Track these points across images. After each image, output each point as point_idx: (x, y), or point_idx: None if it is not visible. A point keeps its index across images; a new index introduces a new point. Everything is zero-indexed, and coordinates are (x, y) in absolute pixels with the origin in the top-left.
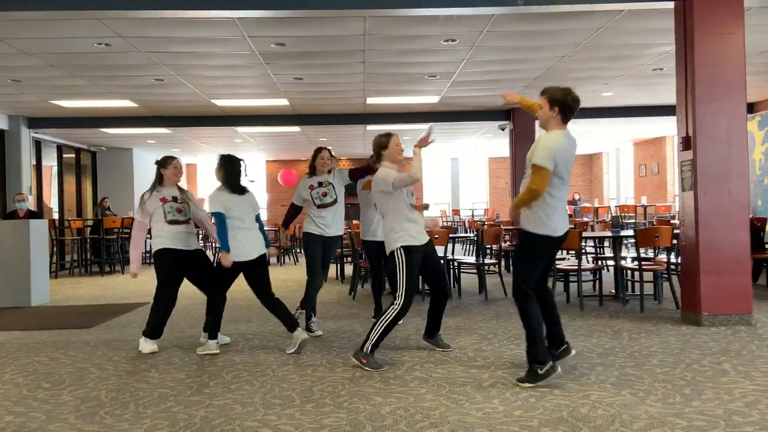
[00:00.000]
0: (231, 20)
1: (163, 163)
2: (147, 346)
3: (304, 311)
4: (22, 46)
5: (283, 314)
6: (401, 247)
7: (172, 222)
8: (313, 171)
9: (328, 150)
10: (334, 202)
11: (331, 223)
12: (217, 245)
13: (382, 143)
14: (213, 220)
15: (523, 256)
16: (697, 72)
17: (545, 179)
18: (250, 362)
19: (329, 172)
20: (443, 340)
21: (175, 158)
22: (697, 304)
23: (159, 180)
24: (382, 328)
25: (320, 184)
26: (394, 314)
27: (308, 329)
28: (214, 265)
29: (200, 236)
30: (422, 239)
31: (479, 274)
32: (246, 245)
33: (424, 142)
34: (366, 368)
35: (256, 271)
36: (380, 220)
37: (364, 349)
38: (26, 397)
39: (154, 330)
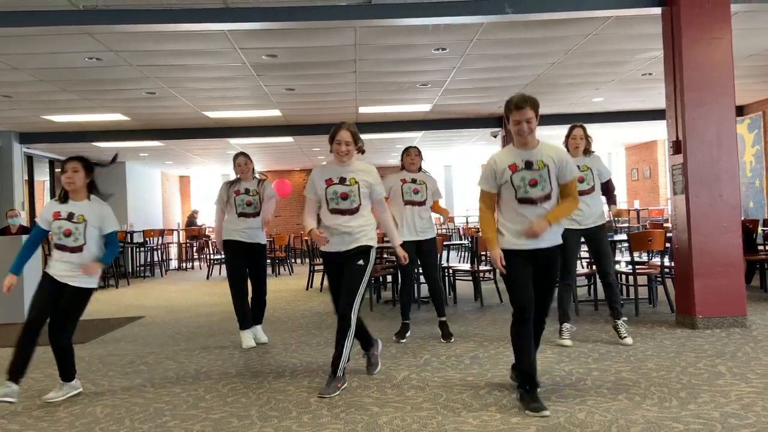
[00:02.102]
0: (222, 33)
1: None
2: (245, 340)
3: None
4: (12, 61)
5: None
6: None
7: (240, 215)
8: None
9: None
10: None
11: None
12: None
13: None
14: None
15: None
16: (686, 77)
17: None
18: (246, 374)
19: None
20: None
21: (238, 155)
22: (691, 307)
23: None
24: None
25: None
26: None
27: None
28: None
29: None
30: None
31: (474, 281)
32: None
33: None
34: None
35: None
36: (414, 217)
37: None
38: (21, 414)
39: (241, 320)
